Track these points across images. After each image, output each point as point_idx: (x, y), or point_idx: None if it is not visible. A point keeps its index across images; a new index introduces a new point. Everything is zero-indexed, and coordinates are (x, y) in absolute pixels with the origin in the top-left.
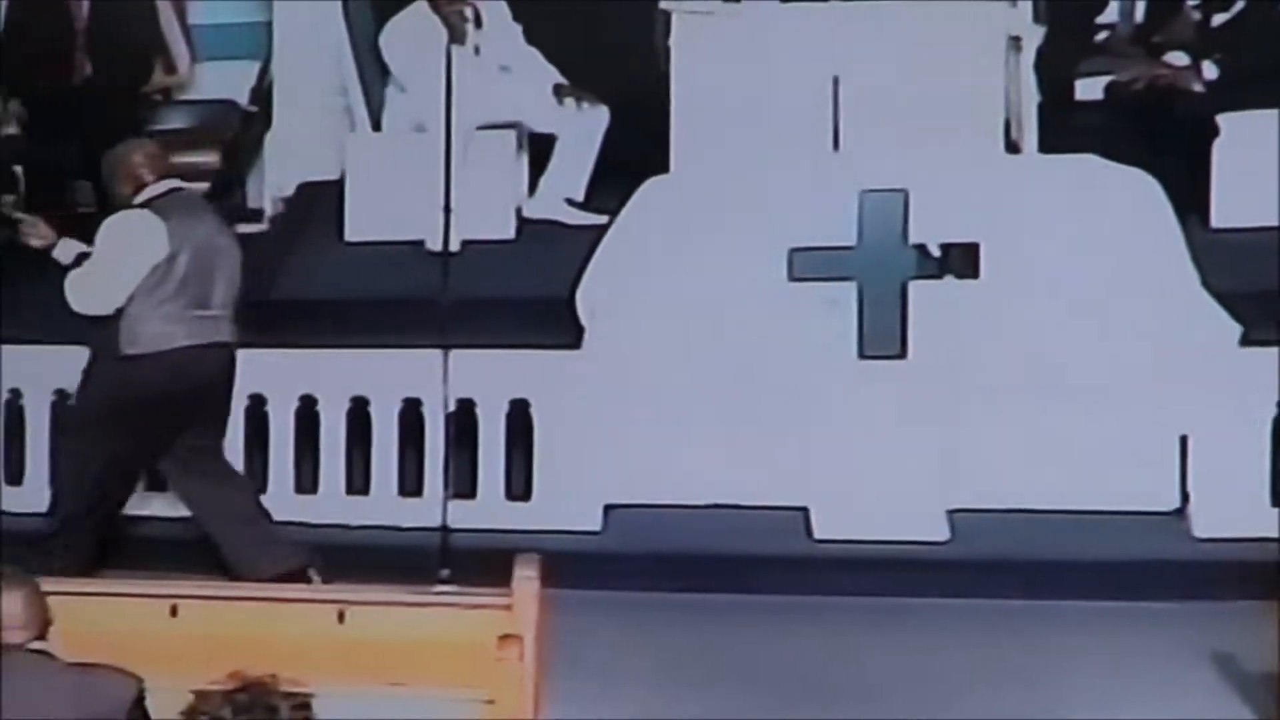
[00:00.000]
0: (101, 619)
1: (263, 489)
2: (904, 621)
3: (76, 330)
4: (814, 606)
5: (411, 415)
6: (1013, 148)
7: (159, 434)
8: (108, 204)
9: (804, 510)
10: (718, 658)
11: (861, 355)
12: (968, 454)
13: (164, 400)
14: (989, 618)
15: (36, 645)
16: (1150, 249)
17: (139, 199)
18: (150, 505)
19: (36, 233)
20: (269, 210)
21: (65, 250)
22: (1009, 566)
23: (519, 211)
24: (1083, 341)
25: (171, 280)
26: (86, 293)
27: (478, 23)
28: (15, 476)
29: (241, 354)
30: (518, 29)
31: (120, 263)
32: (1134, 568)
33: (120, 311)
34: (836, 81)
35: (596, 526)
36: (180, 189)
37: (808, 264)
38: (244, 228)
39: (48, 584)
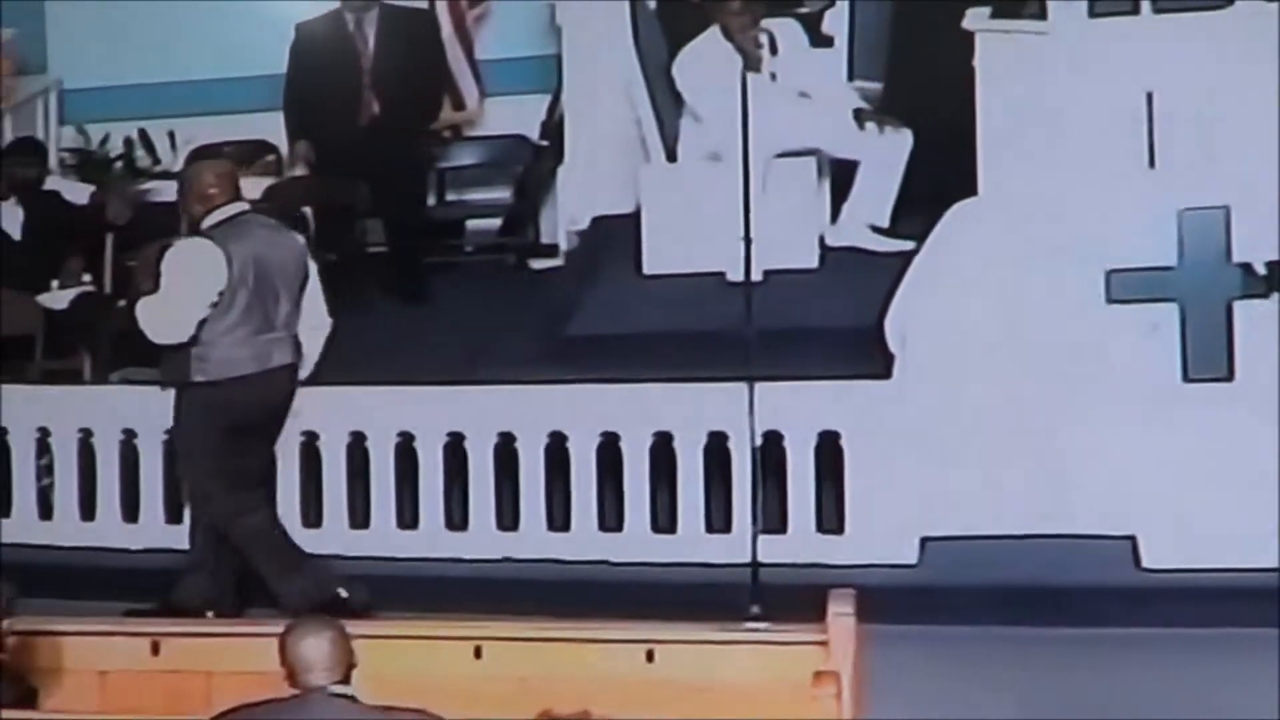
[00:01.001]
0: (404, 661)
1: (565, 527)
2: (1238, 653)
3: None
4: (1143, 639)
5: (717, 449)
6: None
7: (240, 458)
8: (393, 241)
9: (1131, 539)
10: (1041, 693)
11: (1186, 378)
12: None
13: (236, 426)
14: None
15: (340, 689)
16: None
17: (208, 221)
18: (441, 546)
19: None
20: (563, 245)
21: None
22: None
23: (822, 239)
24: None
25: (236, 307)
26: (159, 322)
27: (773, 49)
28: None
29: (540, 390)
30: (815, 55)
31: (186, 293)
32: None
33: (192, 339)
34: (1150, 97)
35: (913, 559)
36: (246, 211)
37: (1126, 285)
38: (538, 263)
39: (351, 627)
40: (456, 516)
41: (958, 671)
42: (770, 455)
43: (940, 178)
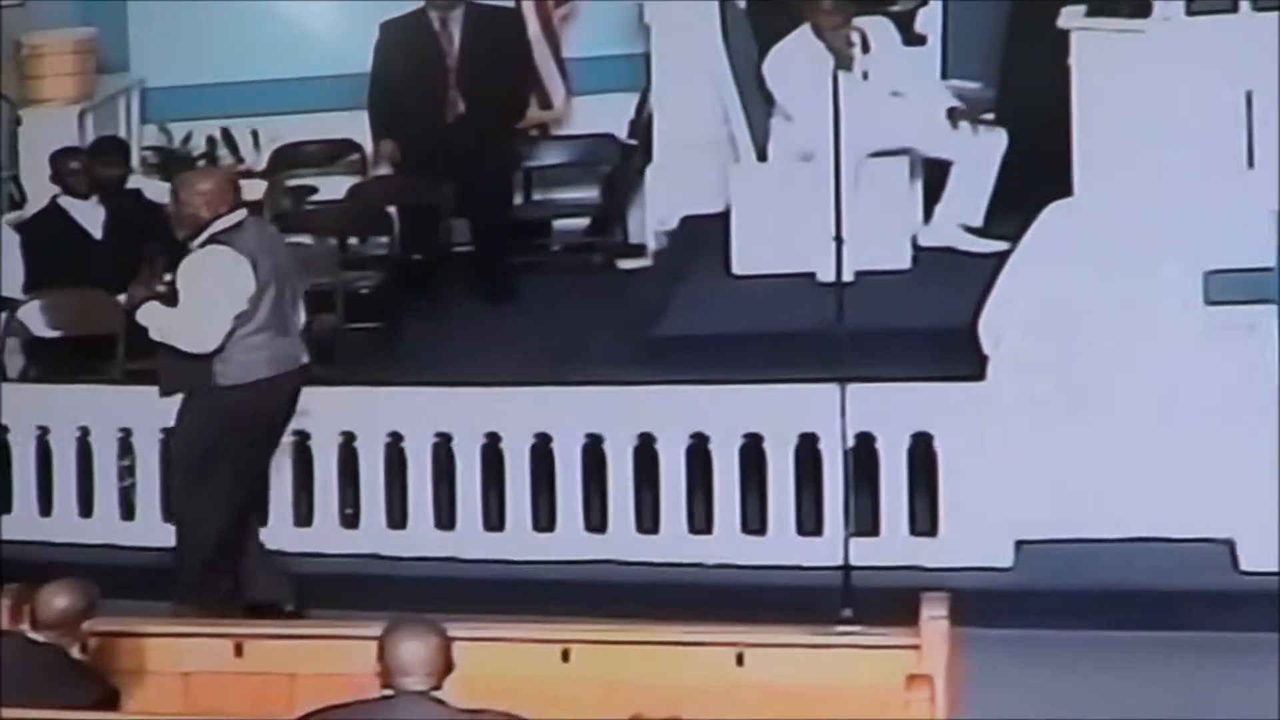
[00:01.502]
0: (493, 664)
1: (654, 529)
2: None
3: None
4: (1242, 643)
5: (808, 451)
6: None
7: (250, 461)
8: (479, 241)
9: (1229, 542)
10: (1140, 698)
11: None
12: None
13: (251, 428)
14: None
15: (433, 693)
16: None
17: (216, 227)
18: (527, 548)
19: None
20: (651, 245)
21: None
22: None
23: (914, 240)
24: None
25: (261, 311)
26: (189, 332)
27: (865, 47)
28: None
29: (629, 391)
30: (908, 53)
31: (215, 301)
32: None
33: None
34: (1250, 96)
35: (1008, 563)
36: (247, 217)
37: (1225, 287)
38: (626, 263)
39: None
40: (543, 519)
41: (1052, 676)
42: (862, 457)
43: (1035, 177)
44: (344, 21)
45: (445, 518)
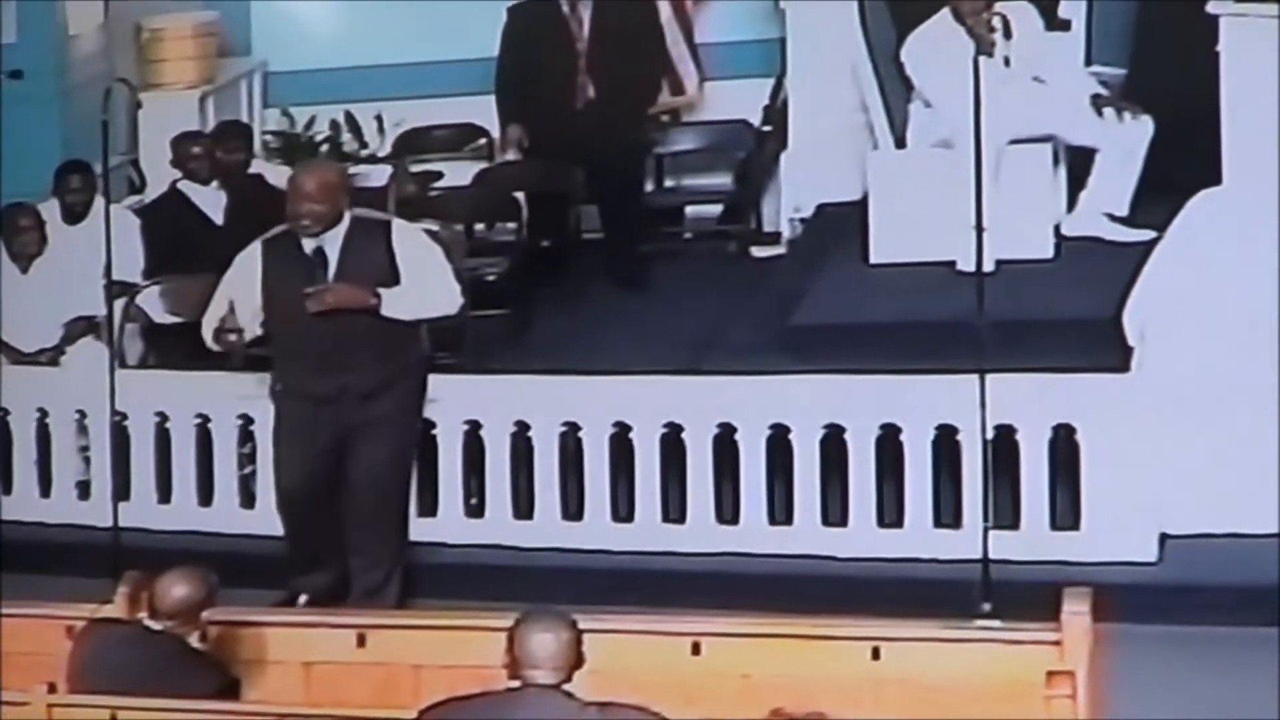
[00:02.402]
0: (623, 656)
1: (787, 520)
2: None
3: None
4: None
5: (947, 442)
6: None
7: None
8: (609, 228)
9: None
10: None
11: None
12: None
13: None
14: None
15: (561, 687)
16: None
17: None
18: (658, 539)
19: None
20: (786, 233)
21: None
22: None
23: (1057, 229)
24: None
25: None
26: (441, 298)
27: (1006, 33)
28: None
29: (763, 380)
30: (1052, 38)
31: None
32: None
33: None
34: None
35: (1152, 557)
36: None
37: None
38: (760, 251)
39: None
40: (674, 510)
41: (1198, 673)
42: (1002, 449)
43: (1183, 166)
44: (470, 4)
45: (573, 508)
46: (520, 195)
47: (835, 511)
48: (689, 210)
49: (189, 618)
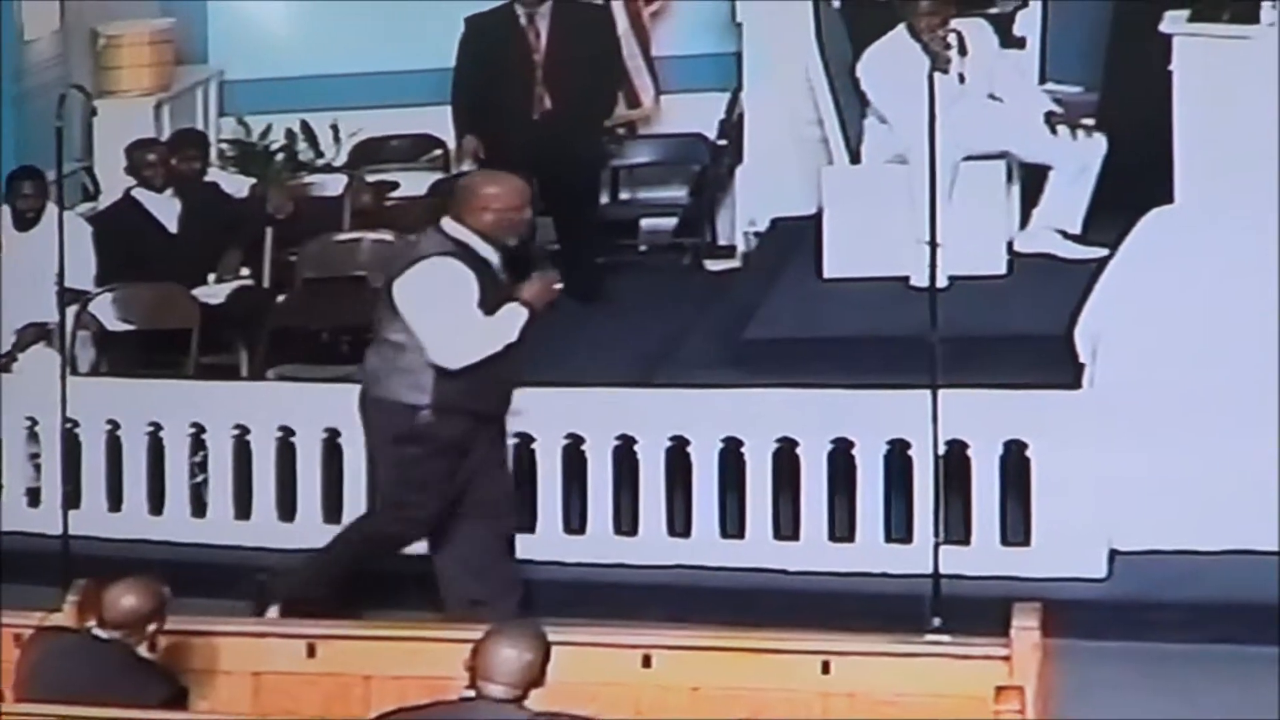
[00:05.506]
0: (574, 668)
1: (740, 534)
2: None
3: None
4: None
5: (898, 457)
6: None
7: None
8: (564, 239)
9: None
10: (1237, 714)
11: None
12: None
13: None
14: None
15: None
16: None
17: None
18: (611, 552)
19: None
20: (741, 246)
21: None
22: None
23: (1010, 245)
24: None
25: None
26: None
27: (962, 49)
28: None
29: (716, 394)
30: (1007, 55)
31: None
32: None
33: None
34: None
35: (1102, 573)
36: None
37: None
38: (715, 264)
39: None
40: (626, 522)
41: (1146, 689)
42: (953, 464)
43: (1136, 184)
44: (427, 15)
45: (527, 520)
46: None
47: (787, 525)
48: (644, 223)
49: (137, 629)
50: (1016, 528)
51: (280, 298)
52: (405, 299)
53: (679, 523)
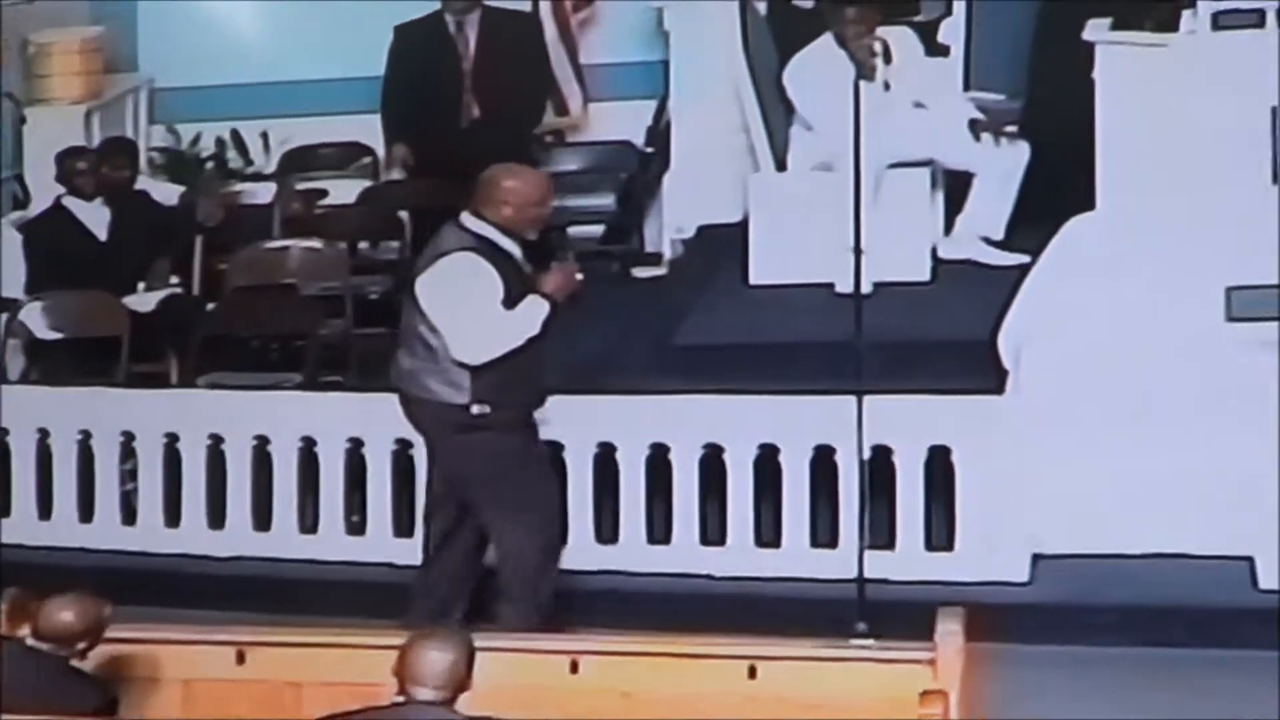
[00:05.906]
0: (502, 674)
1: (666, 540)
2: None
3: None
4: (1259, 661)
5: (824, 463)
6: None
7: None
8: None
9: (1249, 560)
10: (1156, 715)
11: None
12: None
13: None
14: None
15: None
16: None
17: None
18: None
19: None
20: (668, 254)
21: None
22: None
23: (934, 252)
24: None
25: None
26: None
27: (887, 58)
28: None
29: (643, 400)
30: (931, 63)
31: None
32: None
33: None
34: (1275, 112)
35: (1024, 577)
36: None
37: (1247, 303)
38: (642, 271)
39: None
40: None
41: (1069, 691)
42: (878, 470)
43: (1058, 191)
44: (356, 24)
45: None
46: (404, 214)
47: (714, 530)
48: (571, 230)
49: (68, 644)
50: (941, 532)
51: (210, 306)
52: (428, 296)
53: (606, 528)
